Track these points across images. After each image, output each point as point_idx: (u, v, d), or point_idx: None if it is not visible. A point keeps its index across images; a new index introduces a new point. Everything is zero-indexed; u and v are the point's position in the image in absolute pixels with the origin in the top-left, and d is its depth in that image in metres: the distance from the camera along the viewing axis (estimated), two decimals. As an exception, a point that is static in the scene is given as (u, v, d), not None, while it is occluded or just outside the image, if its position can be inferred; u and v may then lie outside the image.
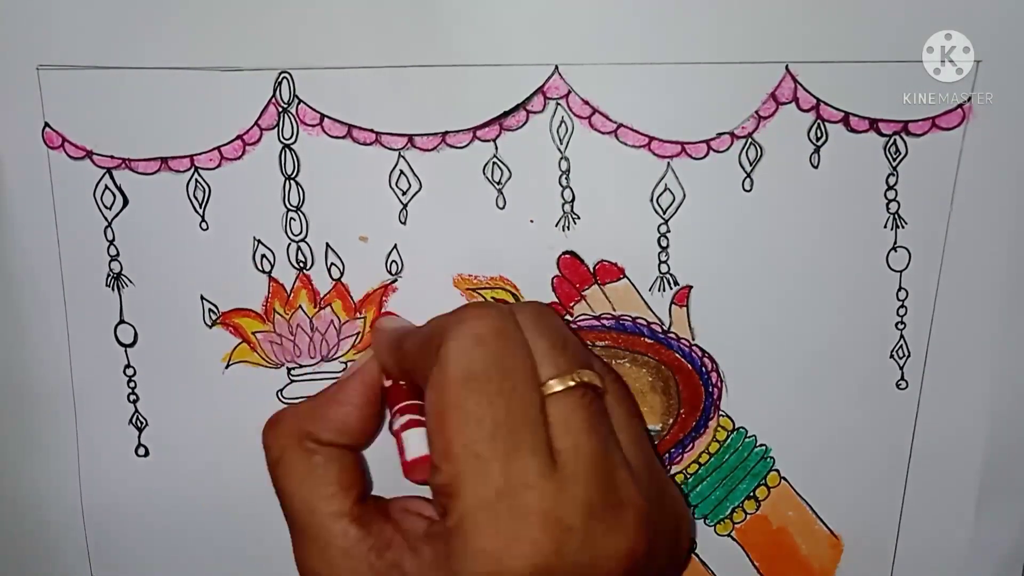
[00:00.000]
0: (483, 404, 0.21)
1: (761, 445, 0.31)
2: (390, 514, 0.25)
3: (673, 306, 0.30)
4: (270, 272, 0.31)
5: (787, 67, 0.27)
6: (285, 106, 0.29)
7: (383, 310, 0.31)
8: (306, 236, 0.30)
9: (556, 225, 0.29)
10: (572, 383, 0.22)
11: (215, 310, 0.31)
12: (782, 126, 0.28)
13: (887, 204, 0.29)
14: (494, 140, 0.29)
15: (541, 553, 0.21)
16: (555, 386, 0.22)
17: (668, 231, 0.29)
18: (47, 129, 0.30)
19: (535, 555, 0.21)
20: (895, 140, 0.28)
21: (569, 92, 0.28)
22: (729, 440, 0.31)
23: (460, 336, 0.22)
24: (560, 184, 0.29)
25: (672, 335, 0.30)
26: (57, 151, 0.30)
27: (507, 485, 0.21)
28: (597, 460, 0.22)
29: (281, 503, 0.26)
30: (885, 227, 0.29)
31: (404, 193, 0.29)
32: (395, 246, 0.30)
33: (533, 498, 0.21)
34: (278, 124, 0.29)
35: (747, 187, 0.29)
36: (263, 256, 0.30)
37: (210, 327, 0.31)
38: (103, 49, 0.29)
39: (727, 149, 0.28)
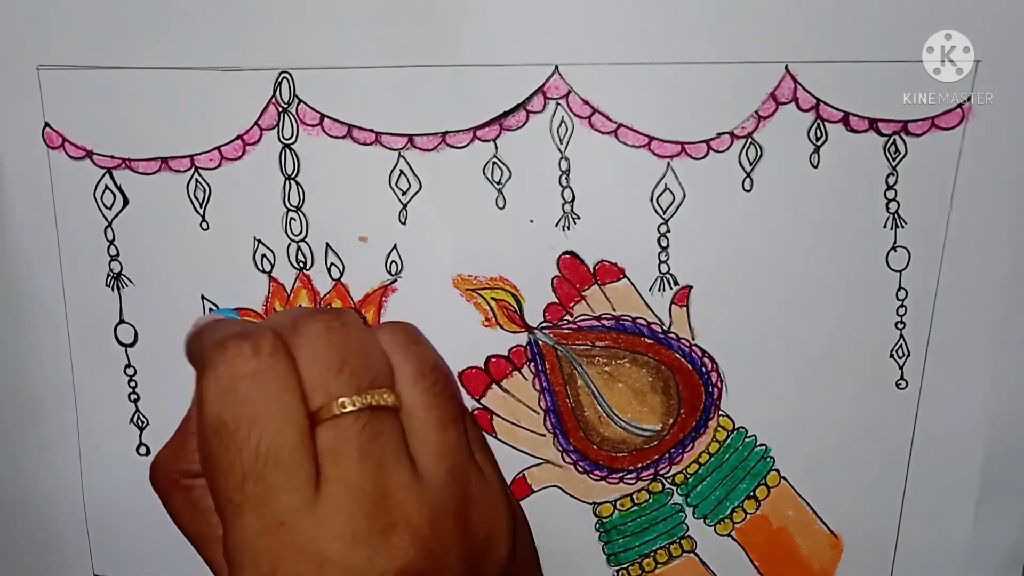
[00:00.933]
0: (232, 452, 0.22)
1: (761, 445, 0.31)
2: None
3: (673, 306, 0.30)
4: (270, 272, 0.31)
5: (787, 67, 0.27)
6: (285, 106, 0.29)
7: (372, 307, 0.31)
8: (306, 236, 0.30)
9: (556, 225, 0.29)
10: (346, 409, 0.22)
11: (215, 310, 0.31)
12: (782, 126, 0.28)
13: (887, 204, 0.29)
14: (494, 140, 0.29)
15: None
16: (326, 412, 0.22)
17: (668, 231, 0.29)
18: (47, 129, 0.30)
19: None
20: (895, 140, 0.28)
21: (569, 92, 0.28)
22: (729, 440, 0.31)
23: (209, 382, 0.23)
24: (560, 184, 0.29)
25: (672, 335, 0.30)
26: (57, 151, 0.30)
27: (263, 526, 0.21)
28: (364, 487, 0.22)
29: None
30: (885, 227, 0.29)
31: (404, 193, 0.29)
32: (395, 246, 0.30)
33: (287, 534, 0.21)
34: (278, 124, 0.29)
35: (747, 187, 0.29)
36: (263, 256, 0.30)
37: (210, 327, 0.31)
38: (103, 49, 0.29)
39: (727, 149, 0.28)
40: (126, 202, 0.30)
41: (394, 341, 0.26)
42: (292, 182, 0.30)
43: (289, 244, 0.30)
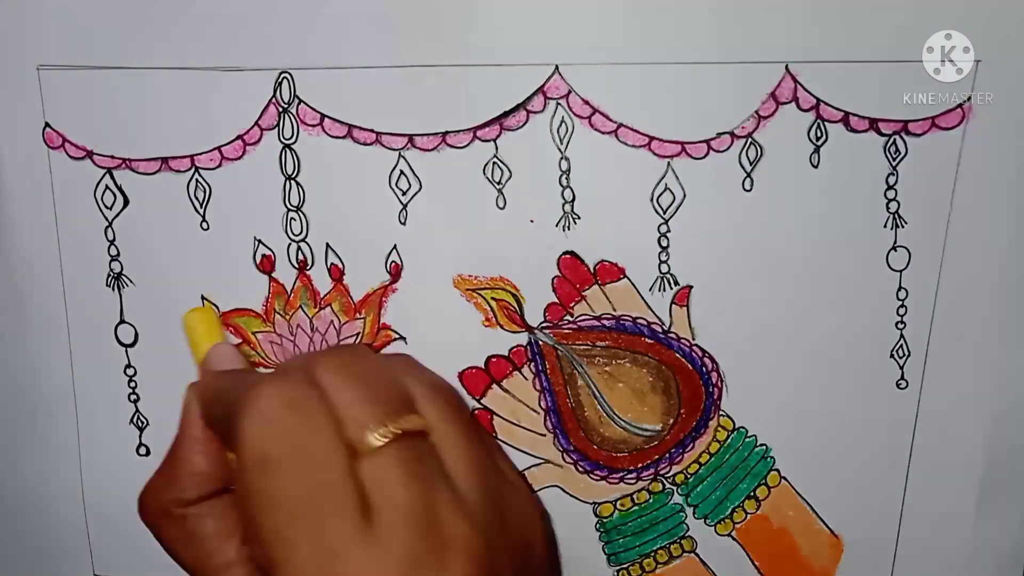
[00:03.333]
0: (281, 486, 0.22)
1: (761, 445, 0.31)
2: None
3: (673, 306, 0.30)
4: (271, 272, 0.31)
5: (787, 67, 0.27)
6: (285, 106, 0.29)
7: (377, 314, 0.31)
8: (306, 236, 0.30)
9: (556, 225, 0.29)
10: (384, 438, 0.22)
11: (215, 310, 0.31)
12: (782, 126, 0.28)
13: (887, 204, 0.29)
14: (494, 140, 0.29)
15: None
16: (364, 445, 0.22)
17: (668, 231, 0.29)
18: (47, 129, 0.30)
19: None
20: (895, 140, 0.28)
21: (569, 92, 0.28)
22: (729, 440, 0.31)
23: (250, 418, 0.22)
24: (560, 184, 0.29)
25: (672, 335, 0.30)
26: (57, 151, 0.30)
27: (318, 561, 0.21)
28: (415, 509, 0.22)
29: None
30: (885, 226, 0.29)
31: (404, 193, 0.29)
32: (395, 246, 0.30)
33: (345, 566, 0.21)
34: (278, 124, 0.29)
35: (747, 187, 0.29)
36: (264, 256, 0.30)
37: (211, 327, 0.31)
38: (103, 49, 0.29)
39: (727, 149, 0.28)
40: (126, 202, 0.30)
41: (402, 366, 0.26)
42: (292, 182, 0.30)
43: (289, 244, 0.30)
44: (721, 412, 0.31)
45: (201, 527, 0.25)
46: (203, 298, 0.31)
